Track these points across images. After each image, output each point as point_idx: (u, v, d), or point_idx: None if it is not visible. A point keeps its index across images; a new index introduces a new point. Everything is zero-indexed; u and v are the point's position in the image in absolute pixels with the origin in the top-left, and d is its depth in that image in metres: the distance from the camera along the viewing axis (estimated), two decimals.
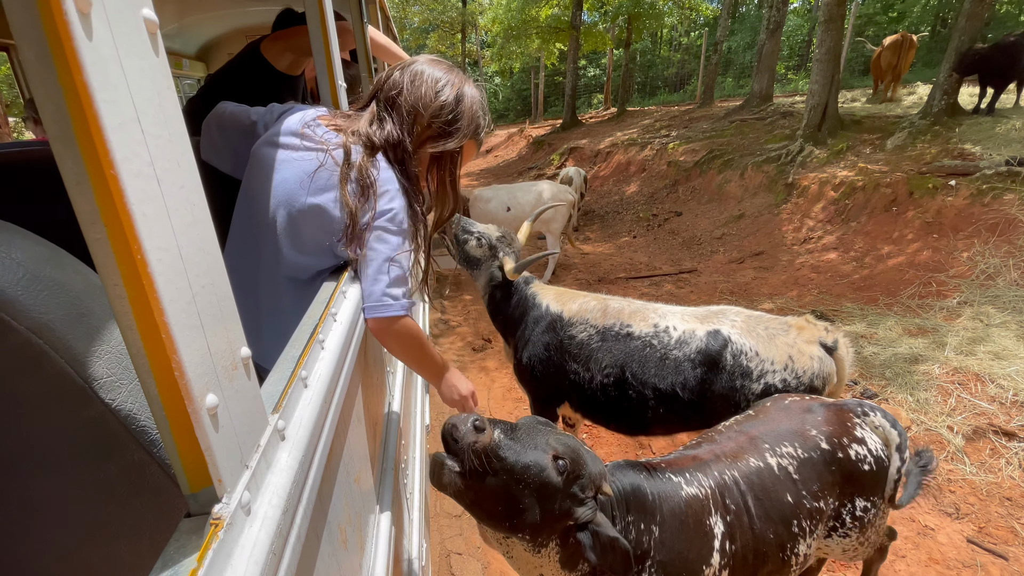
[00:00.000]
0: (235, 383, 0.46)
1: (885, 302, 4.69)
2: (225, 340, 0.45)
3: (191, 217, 0.41)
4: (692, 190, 8.49)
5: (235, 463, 0.45)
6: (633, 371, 2.25)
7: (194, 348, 0.40)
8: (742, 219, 7.07)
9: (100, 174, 0.33)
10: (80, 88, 0.31)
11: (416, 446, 2.11)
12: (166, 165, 0.38)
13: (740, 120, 10.07)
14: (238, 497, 0.44)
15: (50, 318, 0.47)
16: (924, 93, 9.85)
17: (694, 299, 5.40)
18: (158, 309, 0.36)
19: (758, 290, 5.45)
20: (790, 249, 6.14)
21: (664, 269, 6.35)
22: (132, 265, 0.35)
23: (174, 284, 0.38)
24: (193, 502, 0.43)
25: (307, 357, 0.72)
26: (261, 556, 0.44)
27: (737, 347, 2.18)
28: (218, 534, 0.41)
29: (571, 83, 16.56)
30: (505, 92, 32.46)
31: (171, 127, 0.39)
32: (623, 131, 13.59)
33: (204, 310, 0.42)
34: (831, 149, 7.35)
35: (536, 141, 16.48)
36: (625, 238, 7.91)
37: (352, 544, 0.88)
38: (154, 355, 0.37)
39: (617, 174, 10.83)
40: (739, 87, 22.70)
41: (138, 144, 0.35)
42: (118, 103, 0.34)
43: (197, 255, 0.42)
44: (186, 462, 0.41)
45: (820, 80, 7.55)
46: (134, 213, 0.34)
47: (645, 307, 2.46)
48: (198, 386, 0.40)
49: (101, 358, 0.50)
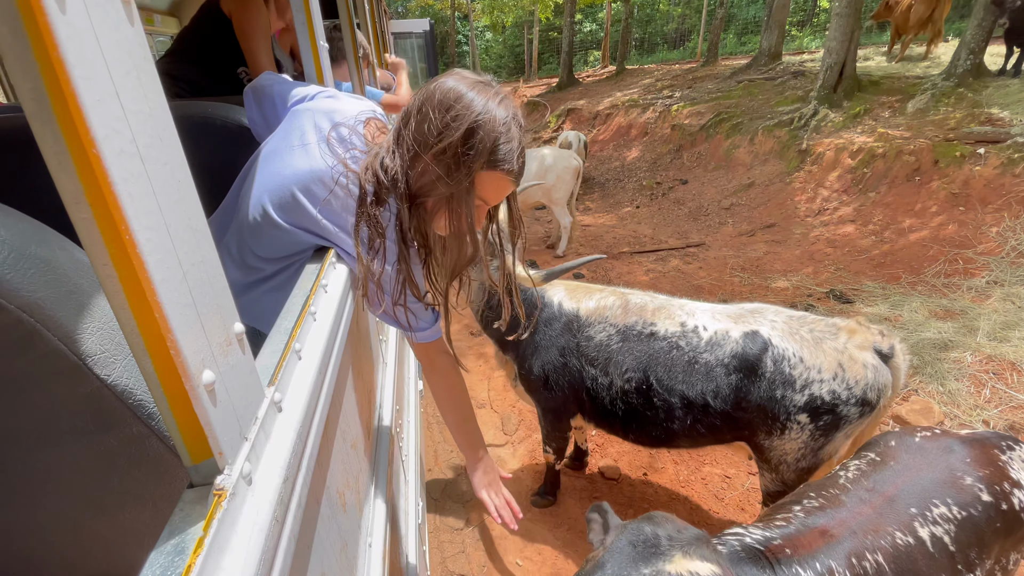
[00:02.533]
0: (230, 358, 0.46)
1: (908, 280, 4.42)
2: (218, 316, 0.45)
3: (177, 194, 0.41)
4: (698, 156, 8.06)
5: (234, 436, 0.46)
6: (658, 376, 1.96)
7: (188, 326, 0.40)
8: (752, 188, 6.71)
9: (82, 153, 0.32)
10: (56, 64, 0.30)
11: (410, 410, 2.07)
12: (148, 141, 0.38)
13: (748, 80, 9.53)
14: (239, 468, 0.45)
15: (39, 296, 0.46)
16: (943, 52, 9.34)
17: (703, 275, 5.10)
18: (149, 289, 0.36)
19: (771, 266, 5.15)
20: (803, 221, 5.82)
21: (670, 243, 6.02)
22: (120, 245, 0.34)
23: (164, 263, 0.38)
24: (195, 473, 0.44)
25: (300, 329, 0.72)
26: (264, 523, 0.45)
27: (779, 351, 1.89)
28: (222, 504, 0.42)
29: (568, 39, 15.70)
30: (497, 48, 31.07)
31: (151, 101, 0.38)
32: (623, 91, 12.95)
33: (196, 287, 0.42)
34: (847, 112, 6.92)
35: (531, 102, 15.74)
36: (627, 208, 7.53)
37: (351, 506, 0.91)
38: (148, 334, 0.37)
39: (617, 138, 10.32)
40: (741, 44, 21.81)
41: (118, 121, 0.35)
42: (95, 78, 0.33)
43: (186, 232, 0.41)
44: (186, 436, 0.42)
45: (838, 36, 7.04)
46: (119, 193, 0.34)
47: (670, 302, 2.15)
48: (194, 363, 0.40)
49: (93, 334, 0.49)
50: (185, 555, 0.39)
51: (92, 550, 0.61)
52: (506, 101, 0.98)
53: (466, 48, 28.81)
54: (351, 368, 1.05)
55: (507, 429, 3.17)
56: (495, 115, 0.94)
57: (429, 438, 3.14)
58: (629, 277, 5.24)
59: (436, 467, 2.93)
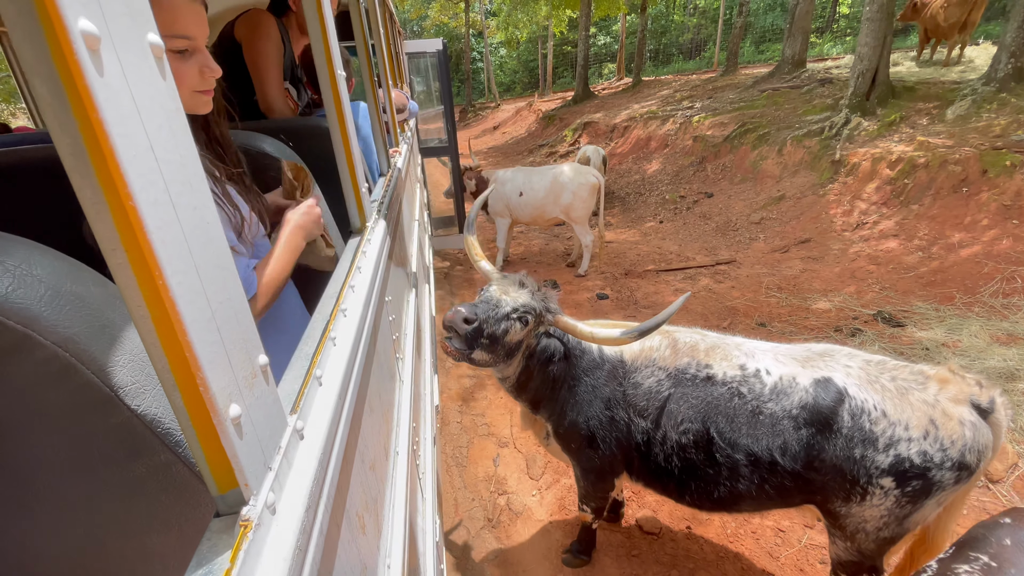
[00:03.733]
0: (255, 390, 0.48)
1: (963, 301, 4.08)
2: (244, 351, 0.47)
3: (206, 236, 0.42)
4: (722, 168, 7.79)
5: (259, 467, 0.48)
6: (719, 427, 1.71)
7: (216, 363, 0.42)
8: (782, 201, 6.40)
9: (119, 204, 0.33)
10: (96, 124, 0.32)
11: (427, 426, 2.10)
12: (180, 189, 0.39)
13: (772, 89, 9.25)
14: (263, 499, 0.47)
15: (74, 331, 0.48)
16: (975, 55, 8.96)
17: (736, 295, 4.82)
18: (180, 329, 0.38)
19: (809, 284, 4.84)
20: (841, 236, 5.50)
21: (699, 260, 5.74)
22: (154, 289, 0.36)
23: (194, 304, 0.40)
24: (222, 503, 0.45)
25: (320, 355, 0.74)
26: (288, 552, 0.46)
27: (857, 403, 1.63)
28: (248, 535, 0.43)
29: (583, 52, 15.60)
30: (511, 64, 31.24)
31: (182, 150, 0.40)
32: (640, 103, 12.76)
33: (223, 325, 0.43)
34: (882, 120, 6.60)
35: (546, 116, 15.64)
36: (650, 223, 7.27)
37: (370, 528, 0.91)
38: (178, 371, 0.39)
39: (636, 151, 10.10)
40: (759, 53, 21.51)
41: (153, 172, 0.36)
42: (132, 135, 0.35)
43: (214, 272, 0.43)
44: (213, 467, 0.43)
45: (870, 42, 6.75)
46: (153, 241, 0.36)
47: (723, 341, 1.90)
48: (221, 398, 0.42)
49: (125, 367, 0.51)
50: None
51: (119, 574, 0.62)
52: None
53: (480, 64, 29.03)
54: (369, 390, 1.05)
55: (533, 473, 2.92)
56: None
57: (448, 483, 2.90)
58: (656, 298, 4.97)
59: (455, 516, 2.69)
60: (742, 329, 4.24)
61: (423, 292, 2.95)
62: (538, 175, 5.57)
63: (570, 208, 5.40)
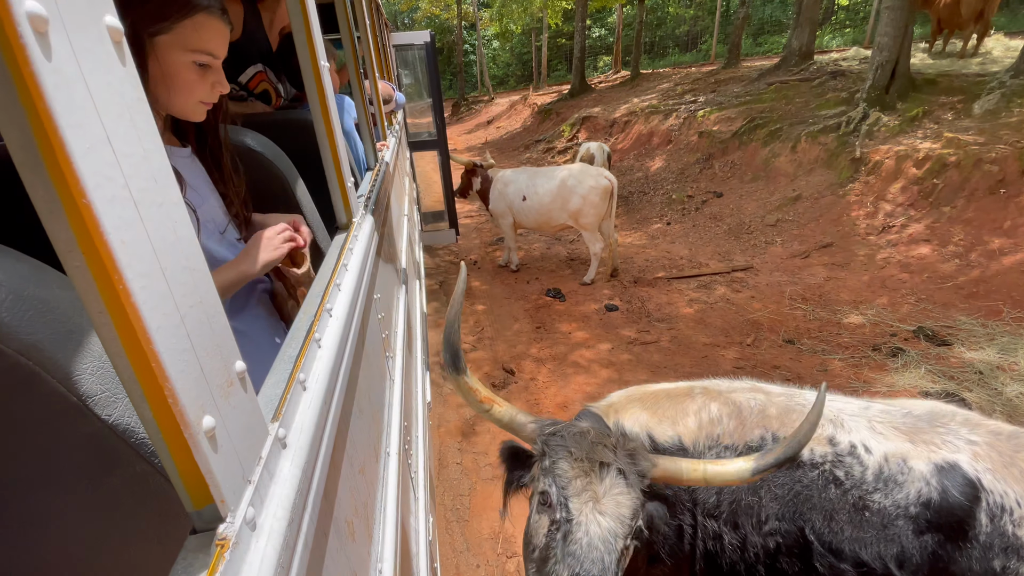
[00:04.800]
0: (231, 400, 0.45)
1: (1013, 316, 3.70)
2: (218, 358, 0.44)
3: (173, 235, 0.40)
4: (731, 166, 7.38)
5: (237, 480, 0.45)
6: (816, 528, 1.31)
7: (186, 372, 0.39)
8: (799, 201, 6.01)
9: (72, 203, 0.31)
10: (43, 114, 0.29)
11: (419, 425, 2.02)
12: (143, 184, 0.36)
13: (780, 82, 8.85)
14: (242, 514, 0.44)
15: (38, 338, 0.45)
16: (991, 46, 8.61)
17: (757, 307, 4.42)
18: (145, 337, 0.35)
19: (836, 295, 4.46)
20: (865, 240, 5.12)
21: (712, 266, 5.34)
22: (115, 294, 0.34)
23: (159, 310, 0.37)
24: (198, 519, 0.42)
25: (304, 358, 0.70)
26: (269, 572, 0.43)
27: (996, 499, 1.24)
28: (224, 555, 0.41)
29: (580, 44, 15.11)
30: (504, 56, 30.61)
31: (145, 143, 0.37)
32: (640, 97, 12.32)
33: (194, 331, 0.41)
34: (903, 115, 6.22)
35: (542, 110, 15.15)
36: (657, 225, 6.86)
37: (360, 534, 0.88)
38: (145, 382, 0.36)
39: (638, 147, 9.68)
40: (757, 45, 21.11)
41: (110, 167, 0.33)
42: (85, 126, 0.32)
43: (182, 274, 0.40)
44: (187, 481, 0.40)
45: (890, 31, 6.35)
46: (111, 242, 0.33)
47: (795, 400, 1.50)
48: (193, 410, 0.39)
49: (94, 374, 0.49)
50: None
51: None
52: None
53: (473, 57, 28.42)
54: (358, 391, 1.00)
55: None
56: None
57: (447, 543, 2.48)
58: (670, 309, 4.57)
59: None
60: (768, 347, 3.85)
61: (413, 288, 2.84)
62: (543, 177, 5.13)
63: (579, 213, 4.96)
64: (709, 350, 3.92)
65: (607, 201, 4.92)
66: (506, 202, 5.25)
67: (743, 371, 3.61)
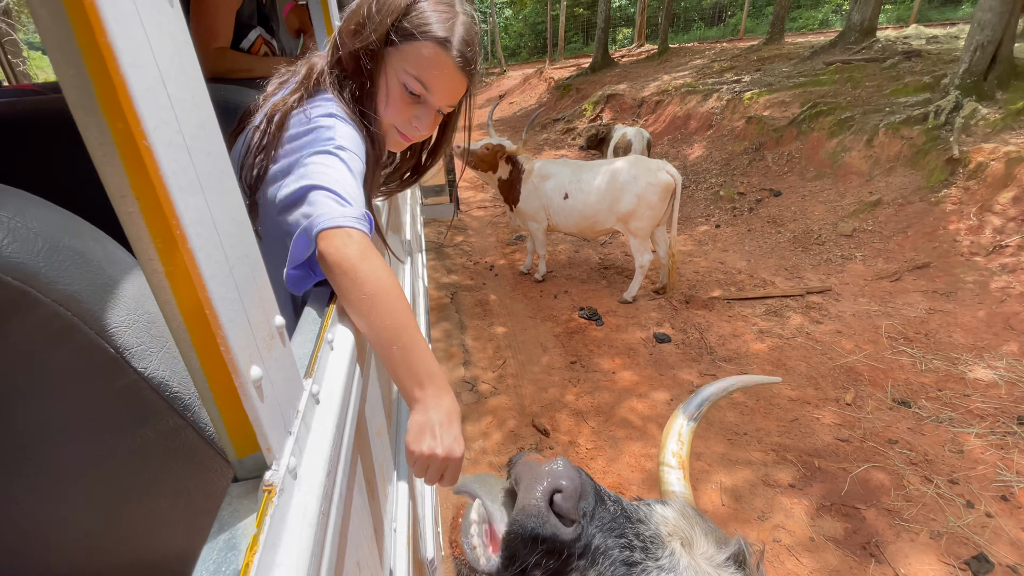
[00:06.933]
0: (273, 352, 0.46)
1: None
2: (261, 310, 0.45)
3: (221, 186, 0.39)
4: (787, 159, 6.40)
5: (280, 430, 0.46)
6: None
7: (236, 321, 0.40)
8: (879, 207, 5.07)
9: (131, 145, 0.30)
10: (104, 50, 0.28)
11: None
12: (194, 132, 0.36)
13: (840, 62, 7.76)
14: (285, 463, 0.45)
15: (76, 289, 0.45)
16: None
17: (848, 347, 3.55)
18: (200, 284, 0.36)
19: (947, 335, 3.58)
20: (971, 262, 4.20)
21: (780, 286, 4.44)
22: (170, 240, 0.33)
23: (212, 258, 0.37)
24: (240, 468, 0.43)
25: (330, 319, 0.71)
26: (312, 518, 0.45)
27: None
28: (272, 500, 0.42)
29: (604, 13, 13.84)
30: (517, 26, 29.00)
31: (193, 89, 0.37)
32: (670, 73, 11.19)
33: (241, 282, 0.41)
34: (1006, 108, 5.22)
35: (560, 85, 13.98)
36: (703, 226, 5.92)
37: (379, 494, 0.92)
38: (196, 331, 0.37)
39: (672, 131, 8.65)
40: (791, 21, 19.68)
41: (166, 111, 0.33)
42: (144, 65, 0.31)
43: (231, 225, 0.40)
44: (232, 431, 0.41)
45: (995, 6, 5.31)
46: (170, 186, 0.33)
47: None
48: (243, 359, 0.40)
49: (130, 327, 0.48)
50: (238, 551, 0.39)
51: (126, 539, 0.60)
52: None
53: (485, 27, 26.92)
54: (372, 356, 0.98)
55: None
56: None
57: None
58: (736, 344, 3.70)
59: None
60: (875, 409, 2.99)
61: (416, 261, 2.89)
62: (589, 172, 4.18)
63: (632, 215, 4.02)
64: (797, 409, 3.06)
65: (667, 201, 3.99)
66: (541, 200, 4.31)
67: (849, 445, 2.76)
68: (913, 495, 2.44)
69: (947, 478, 2.53)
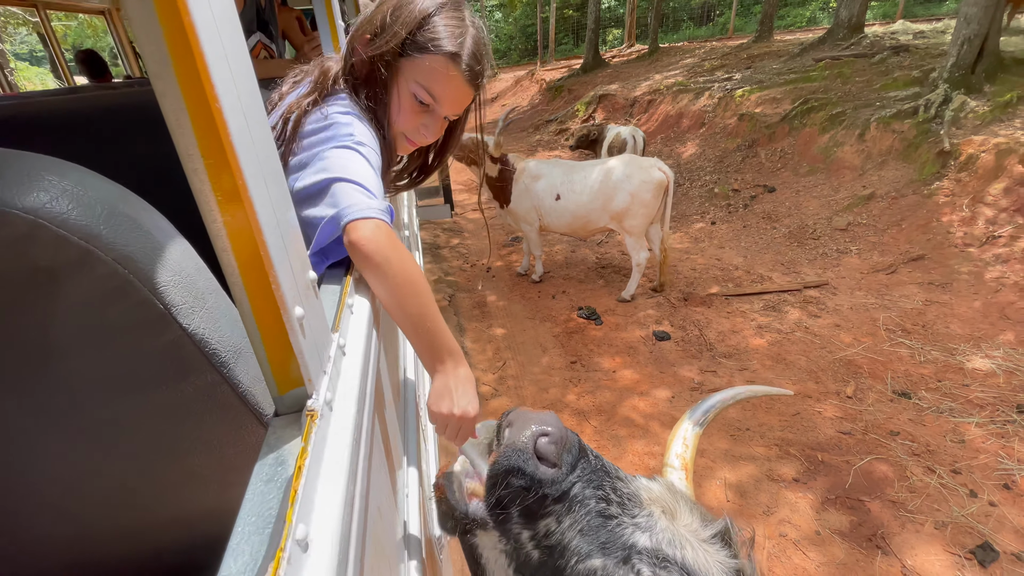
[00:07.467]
0: (310, 300, 0.52)
1: None
2: (300, 262, 0.51)
3: (268, 149, 0.46)
4: (780, 155, 6.44)
5: (317, 368, 0.52)
6: None
7: (284, 266, 0.46)
8: (873, 201, 5.10)
9: (204, 108, 0.36)
10: (187, 25, 0.33)
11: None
12: (247, 100, 0.42)
13: (830, 58, 7.82)
14: (323, 395, 0.51)
15: (131, 250, 0.49)
16: None
17: (847, 340, 3.57)
18: (257, 230, 0.41)
19: (944, 325, 3.60)
20: (965, 253, 4.24)
21: (777, 281, 4.46)
22: (232, 192, 0.39)
23: (266, 210, 0.43)
24: (280, 404, 0.50)
25: (349, 286, 0.78)
26: (347, 443, 0.51)
27: None
28: (316, 422, 0.48)
29: (594, 14, 13.90)
30: (507, 29, 29.05)
31: (244, 63, 0.42)
32: (662, 73, 11.25)
33: (285, 236, 0.48)
34: (994, 100, 5.28)
35: (552, 86, 14.02)
36: (699, 224, 5.94)
37: (395, 459, 0.97)
38: (249, 275, 0.42)
39: (665, 130, 8.69)
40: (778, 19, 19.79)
41: (229, 81, 0.38)
42: (214, 41, 0.36)
43: (276, 187, 0.47)
44: (275, 367, 0.48)
45: (980, 0, 5.37)
46: (236, 143, 0.38)
47: None
48: (291, 298, 0.46)
49: (176, 287, 0.52)
50: (287, 465, 0.44)
51: (161, 495, 0.63)
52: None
53: None
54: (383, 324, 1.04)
55: None
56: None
57: None
58: (735, 340, 3.71)
59: None
60: (876, 401, 3.01)
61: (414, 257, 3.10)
62: (581, 172, 4.18)
63: (626, 214, 4.04)
64: (799, 403, 3.07)
65: (659, 199, 4.00)
66: (533, 201, 4.32)
67: (851, 438, 2.77)
68: (917, 486, 2.45)
69: (949, 468, 2.54)
